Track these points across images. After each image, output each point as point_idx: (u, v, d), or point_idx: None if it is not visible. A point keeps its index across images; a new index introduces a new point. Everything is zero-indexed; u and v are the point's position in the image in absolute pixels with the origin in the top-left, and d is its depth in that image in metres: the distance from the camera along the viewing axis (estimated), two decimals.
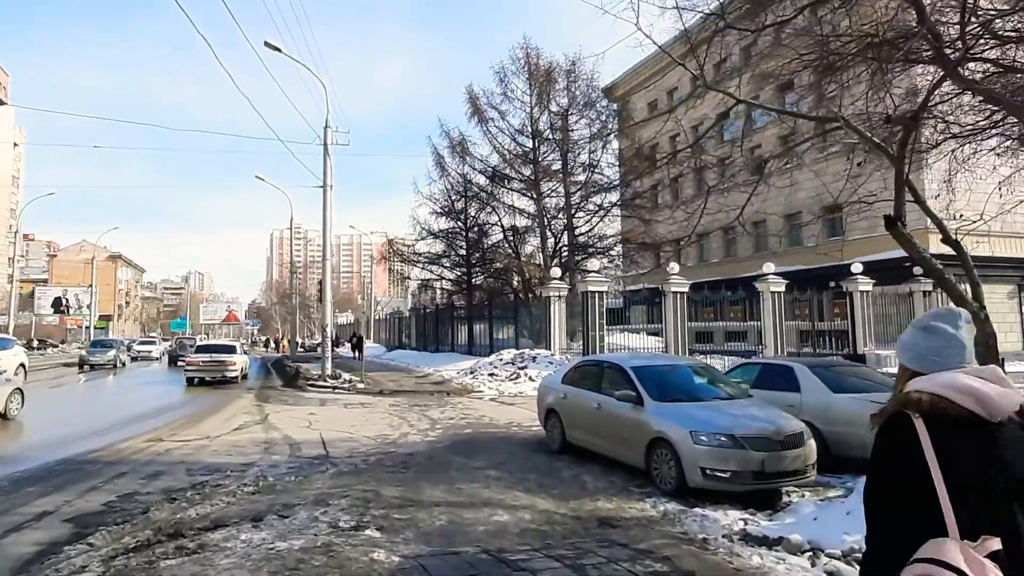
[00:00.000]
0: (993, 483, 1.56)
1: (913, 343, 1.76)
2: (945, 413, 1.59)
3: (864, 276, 24.19)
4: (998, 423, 1.59)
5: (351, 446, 9.63)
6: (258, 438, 10.32)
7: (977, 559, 1.46)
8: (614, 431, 7.71)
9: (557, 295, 22.43)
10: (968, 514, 1.53)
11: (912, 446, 1.59)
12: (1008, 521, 1.54)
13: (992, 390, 1.61)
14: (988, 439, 1.59)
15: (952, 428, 1.58)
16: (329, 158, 20.68)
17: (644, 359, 8.62)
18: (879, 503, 1.66)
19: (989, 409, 1.59)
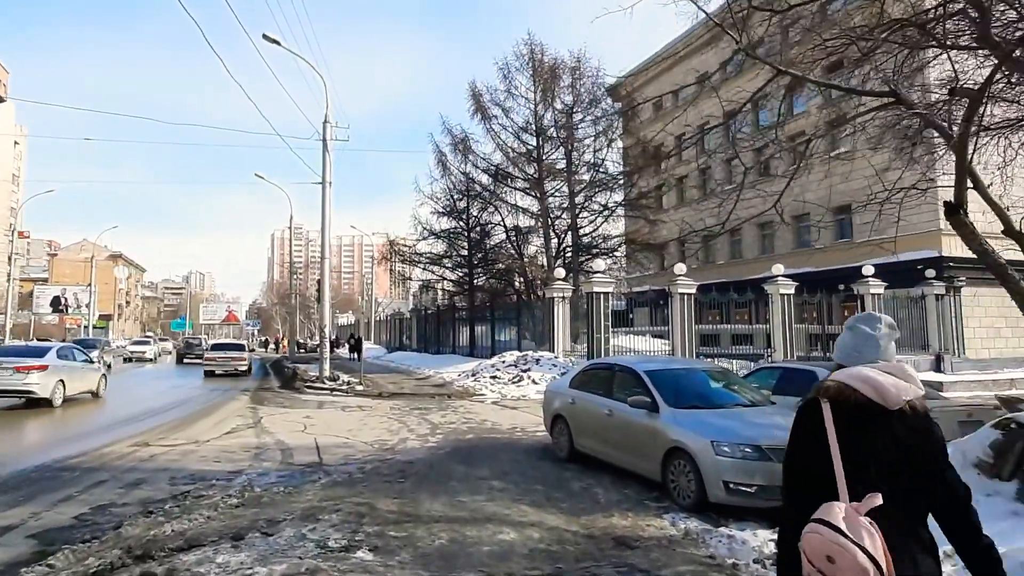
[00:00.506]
0: (883, 457, 1.88)
1: (840, 341, 2.10)
2: (848, 399, 1.90)
3: (875, 279, 23.63)
4: (896, 410, 1.89)
5: (347, 452, 9.12)
6: (249, 443, 9.82)
7: (856, 517, 1.75)
8: (627, 439, 7.19)
9: (561, 296, 21.92)
10: (861, 482, 1.82)
11: (819, 425, 1.90)
12: (899, 485, 1.86)
13: (890, 382, 1.90)
14: (883, 422, 1.89)
15: (853, 412, 1.89)
16: (328, 154, 20.20)
17: (658, 362, 8.10)
18: (793, 473, 2.00)
19: (885, 397, 1.88)
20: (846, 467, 1.86)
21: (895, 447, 1.91)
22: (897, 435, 1.92)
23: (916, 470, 1.92)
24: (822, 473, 1.88)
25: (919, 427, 1.95)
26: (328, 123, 20.40)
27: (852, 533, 1.76)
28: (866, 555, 1.73)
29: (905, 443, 1.91)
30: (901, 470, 1.90)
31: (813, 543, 1.81)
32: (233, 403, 15.82)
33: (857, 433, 1.90)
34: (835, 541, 1.76)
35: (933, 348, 23.96)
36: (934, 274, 24.48)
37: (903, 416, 1.92)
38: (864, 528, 1.76)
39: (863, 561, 1.73)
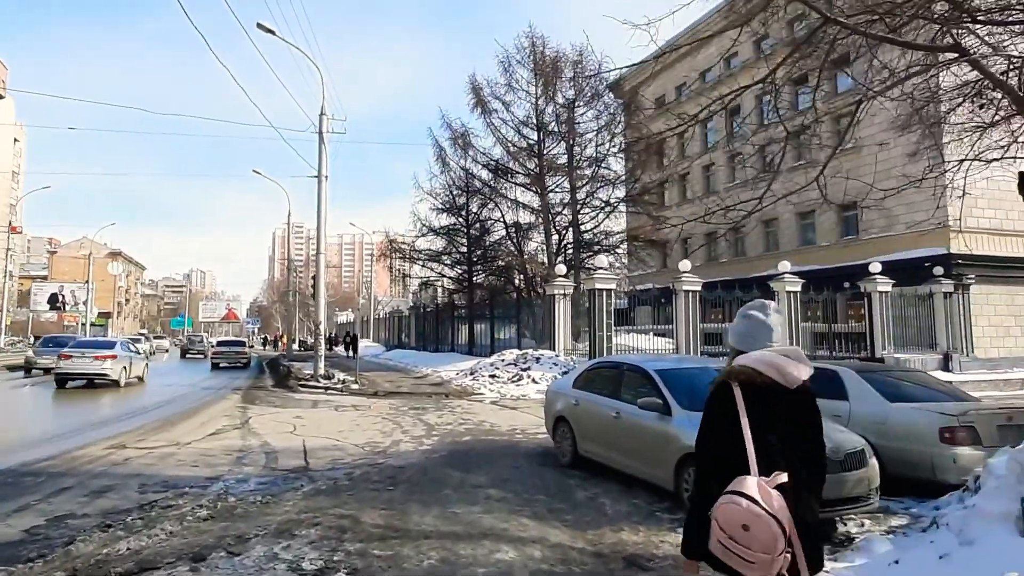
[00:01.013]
0: (787, 432, 2.15)
1: (735, 327, 2.35)
2: (755, 381, 2.16)
3: (883, 276, 23.04)
4: (794, 389, 2.17)
5: (335, 456, 8.57)
6: (233, 446, 9.26)
7: (767, 489, 1.99)
8: (636, 444, 6.63)
9: (562, 293, 21.36)
10: (768, 456, 2.09)
11: (731, 406, 2.16)
12: (796, 459, 2.14)
13: (789, 364, 2.17)
14: (785, 400, 2.17)
15: (760, 392, 2.15)
16: (324, 147, 19.65)
17: (669, 361, 7.53)
18: (705, 451, 2.28)
19: (786, 378, 2.16)
20: (759, 444, 2.06)
21: (793, 423, 2.14)
22: (794, 412, 2.15)
23: (807, 443, 2.16)
24: (732, 449, 2.09)
25: (809, 404, 2.20)
26: (324, 115, 19.84)
27: (767, 505, 1.93)
28: (779, 525, 1.93)
29: (799, 419, 2.16)
30: (798, 444, 2.13)
31: (729, 513, 1.98)
32: (223, 402, 15.27)
33: (763, 412, 2.10)
34: (751, 511, 1.94)
35: (941, 347, 23.38)
36: (942, 271, 23.88)
37: (798, 394, 2.15)
38: (775, 499, 1.95)
39: (776, 529, 1.92)
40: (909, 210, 26.44)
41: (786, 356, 2.19)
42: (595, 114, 27.68)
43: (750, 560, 1.98)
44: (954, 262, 24.65)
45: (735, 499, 1.99)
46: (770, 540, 1.93)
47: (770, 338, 2.26)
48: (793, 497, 2.03)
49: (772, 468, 2.06)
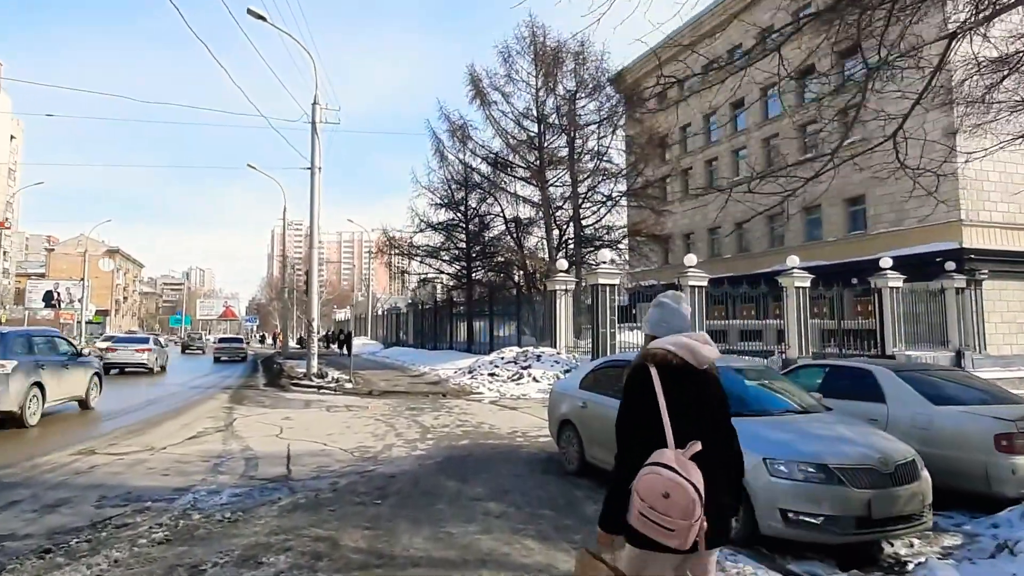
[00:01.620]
0: (698, 408, 2.33)
1: (649, 315, 2.57)
2: (669, 363, 2.34)
3: (893, 271, 22.34)
4: (703, 369, 2.37)
5: (321, 463, 7.88)
6: (212, 451, 8.57)
7: (684, 459, 2.18)
8: None
9: (563, 289, 20.69)
10: (683, 431, 2.25)
11: (648, 386, 2.33)
12: (707, 432, 2.30)
13: (701, 347, 2.36)
14: (696, 379, 2.36)
15: (674, 372, 2.33)
16: (317, 137, 18.92)
17: None
18: (627, 428, 2.40)
19: (697, 359, 2.35)
20: (675, 419, 2.26)
21: (702, 400, 2.37)
22: (703, 390, 2.38)
23: (716, 419, 2.41)
24: (651, 426, 2.29)
25: (716, 384, 2.44)
26: (317, 104, 19.13)
27: (683, 472, 2.15)
28: (695, 490, 2.12)
29: (708, 397, 2.40)
30: (707, 419, 2.37)
31: (651, 482, 2.17)
32: (210, 402, 14.58)
33: (677, 390, 2.31)
34: (672, 479, 2.14)
35: (953, 344, 22.71)
36: (954, 267, 23.19)
37: (706, 374, 2.40)
38: (692, 468, 2.17)
39: (693, 494, 2.11)
40: (919, 204, 25.76)
41: (697, 340, 2.38)
42: (597, 106, 26.98)
43: (670, 528, 2.13)
44: (966, 257, 24.00)
45: (656, 469, 2.15)
46: (689, 506, 2.08)
47: (682, 324, 2.46)
48: (704, 468, 2.19)
49: (687, 441, 2.23)
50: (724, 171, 36.16)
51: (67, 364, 11.96)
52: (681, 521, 2.10)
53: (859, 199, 28.45)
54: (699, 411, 2.33)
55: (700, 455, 2.20)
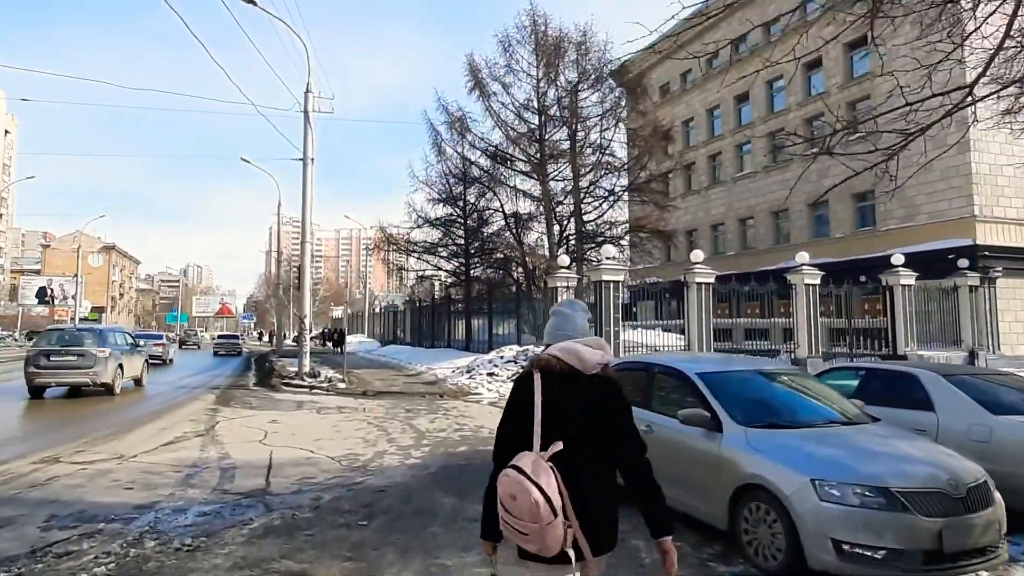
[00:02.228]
0: (580, 413, 2.25)
1: (548, 324, 2.51)
2: (553, 368, 2.30)
3: (905, 268, 21.64)
4: (591, 375, 2.29)
5: (305, 473, 7.18)
6: (186, 459, 7.86)
7: (540, 462, 2.12)
8: (674, 468, 5.23)
9: (565, 285, 19.93)
10: (557, 435, 2.18)
11: (528, 390, 2.30)
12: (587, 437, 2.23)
13: (587, 352, 2.30)
14: (581, 384, 2.28)
15: (558, 377, 2.28)
16: (310, 126, 18.20)
17: (711, 362, 6.09)
18: (501, 432, 2.37)
19: (583, 364, 2.29)
20: (548, 424, 2.22)
21: (589, 405, 2.27)
22: (591, 395, 2.29)
23: (605, 425, 2.28)
24: (524, 430, 2.24)
25: (608, 389, 2.33)
26: (310, 92, 18.40)
27: (534, 475, 2.08)
28: (540, 492, 2.05)
29: (596, 402, 2.28)
30: (593, 424, 2.26)
31: (503, 484, 2.15)
32: (195, 403, 13.87)
33: (560, 395, 2.26)
34: (518, 481, 2.09)
35: (966, 344, 22.02)
36: (967, 264, 22.48)
37: (596, 379, 2.30)
38: (544, 471, 2.10)
39: (536, 496, 2.04)
40: (931, 199, 25.09)
41: (587, 345, 2.35)
42: (599, 98, 26.22)
43: (523, 531, 2.10)
44: (980, 254, 23.32)
45: (508, 471, 2.15)
46: (533, 508, 2.04)
47: (574, 330, 2.41)
48: (576, 473, 2.16)
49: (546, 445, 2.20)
50: (728, 166, 35.48)
51: (131, 352, 16.32)
52: (531, 524, 2.07)
53: (868, 194, 27.72)
54: (580, 416, 2.27)
55: (573, 460, 2.17)
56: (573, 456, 2.16)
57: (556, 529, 2.05)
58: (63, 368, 14.15)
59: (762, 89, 32.91)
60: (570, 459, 2.15)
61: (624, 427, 2.32)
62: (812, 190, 30.54)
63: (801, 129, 31.01)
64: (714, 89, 36.53)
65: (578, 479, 2.14)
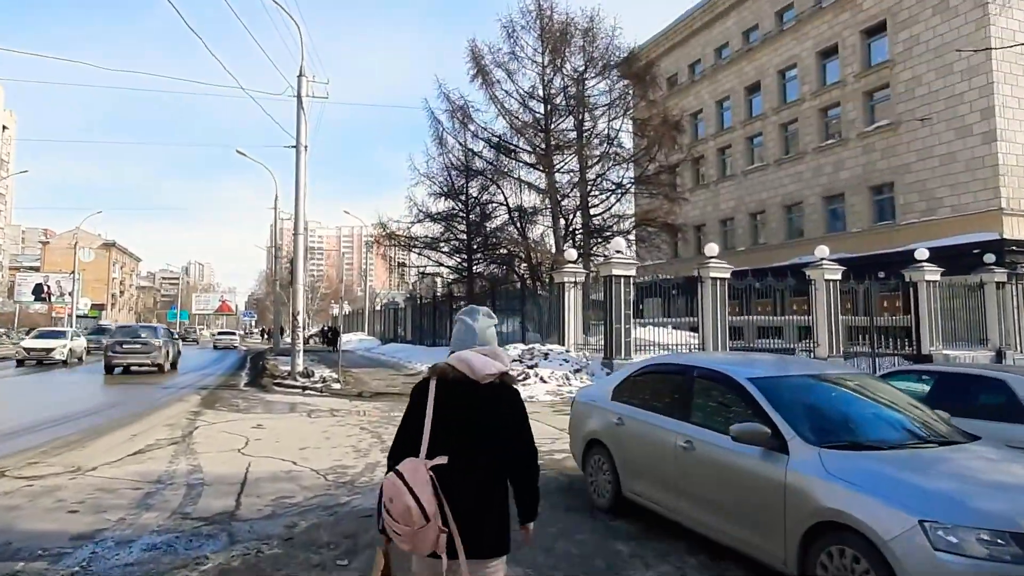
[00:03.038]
0: (470, 420, 2.37)
1: (453, 333, 2.60)
2: (446, 375, 2.41)
3: (930, 263, 20.64)
4: (486, 384, 2.38)
5: (282, 492, 6.23)
6: (151, 473, 6.92)
7: (420, 468, 2.24)
8: (724, 495, 4.29)
9: (572, 281, 18.99)
10: (444, 441, 2.32)
11: (424, 397, 2.42)
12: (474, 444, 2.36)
13: (479, 361, 2.39)
14: (475, 392, 2.38)
15: (451, 385, 2.40)
16: (303, 112, 17.24)
17: (762, 365, 5.07)
18: (400, 433, 2.49)
19: (475, 373, 2.37)
20: (437, 431, 2.33)
21: (481, 413, 2.38)
22: (484, 403, 2.38)
23: (495, 432, 2.38)
24: (417, 435, 2.36)
25: (503, 396, 2.42)
26: (303, 76, 17.44)
27: (411, 481, 2.20)
28: (413, 498, 2.17)
29: (489, 410, 2.38)
30: (483, 432, 2.37)
31: (386, 487, 2.28)
32: (178, 405, 12.94)
33: (453, 402, 2.38)
34: (395, 486, 2.22)
35: (993, 343, 21.02)
36: (994, 259, 21.46)
37: (490, 387, 2.39)
38: (421, 478, 2.21)
39: (409, 502, 2.16)
40: (954, 191, 24.06)
41: (483, 355, 2.43)
42: (607, 86, 25.25)
43: (399, 532, 2.24)
44: (1007, 248, 22.30)
45: (390, 476, 2.28)
46: (405, 513, 2.17)
47: (473, 340, 2.50)
48: (460, 479, 2.27)
49: (449, 451, 2.30)
50: (738, 159, 34.45)
51: (172, 341, 22.89)
52: (404, 527, 2.20)
53: (886, 187, 26.71)
54: (470, 423, 2.38)
55: (460, 467, 2.28)
56: (462, 463, 2.30)
57: (428, 533, 2.19)
58: (131, 353, 19.79)
59: (774, 79, 31.86)
60: (458, 465, 2.28)
61: (516, 435, 2.43)
62: (827, 183, 29.68)
63: (815, 119, 30.09)
64: (724, 80, 35.55)
65: (464, 486, 2.28)
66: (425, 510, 2.16)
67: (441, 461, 2.26)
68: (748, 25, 33.80)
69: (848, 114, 28.13)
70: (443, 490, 2.23)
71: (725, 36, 35.61)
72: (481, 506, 2.32)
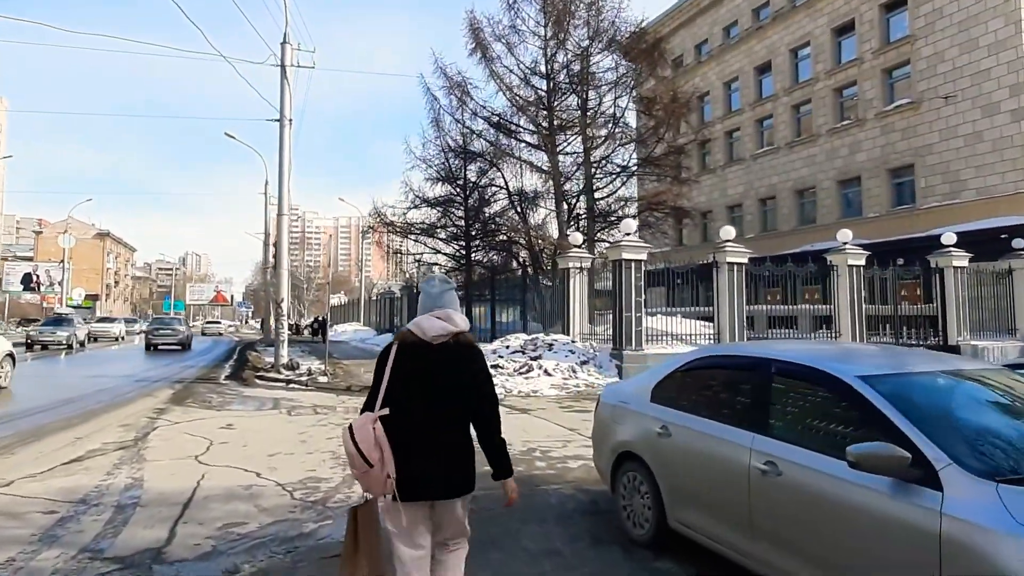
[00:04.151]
0: (424, 377, 2.66)
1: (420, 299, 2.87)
2: (405, 338, 2.74)
3: (957, 248, 19.37)
4: (438, 344, 2.68)
5: (234, 515, 4.96)
6: (78, 489, 5.65)
7: (365, 422, 2.59)
8: (830, 542, 3.01)
9: (578, 266, 17.69)
10: (401, 396, 2.64)
11: (386, 358, 2.73)
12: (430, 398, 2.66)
13: (428, 323, 2.70)
14: (426, 352, 2.68)
15: (408, 346, 2.70)
16: (287, 82, 15.86)
17: (870, 358, 3.62)
18: (371, 392, 2.74)
19: (425, 335, 2.69)
20: (397, 387, 2.65)
21: (436, 370, 2.67)
22: (436, 361, 2.67)
23: (452, 386, 2.68)
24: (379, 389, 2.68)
25: (459, 354, 2.70)
26: (288, 44, 16.07)
27: (356, 432, 2.56)
28: (355, 447, 2.53)
29: (443, 366, 2.67)
30: (439, 386, 2.67)
31: (343, 437, 2.64)
32: (144, 401, 11.65)
33: (409, 363, 2.67)
34: (344, 435, 2.60)
35: (1022, 332, 19.80)
36: (1023, 244, 20.20)
37: (444, 347, 2.68)
38: (366, 429, 2.56)
39: (350, 448, 2.55)
40: (980, 173, 22.76)
41: (437, 318, 2.71)
42: (612, 62, 23.84)
43: (355, 477, 2.68)
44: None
45: (344, 428, 2.66)
46: (353, 459, 2.56)
47: (432, 304, 2.78)
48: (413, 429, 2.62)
49: (397, 406, 2.64)
50: (747, 143, 33.11)
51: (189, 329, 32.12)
52: (356, 470, 2.60)
53: (905, 169, 25.40)
54: (425, 379, 2.66)
55: (407, 418, 2.62)
56: (415, 415, 2.63)
57: (373, 476, 2.54)
58: (163, 336, 28.67)
59: (786, 58, 30.46)
60: (415, 418, 2.63)
61: (473, 386, 2.72)
62: (842, 166, 28.36)
63: (830, 100, 28.72)
64: (732, 60, 34.14)
65: (418, 435, 2.62)
66: (364, 456, 2.51)
67: (383, 413, 2.62)
68: (759, 2, 32.38)
69: (865, 93, 26.78)
70: (398, 439, 2.57)
71: (734, 14, 34.17)
72: (436, 453, 2.60)
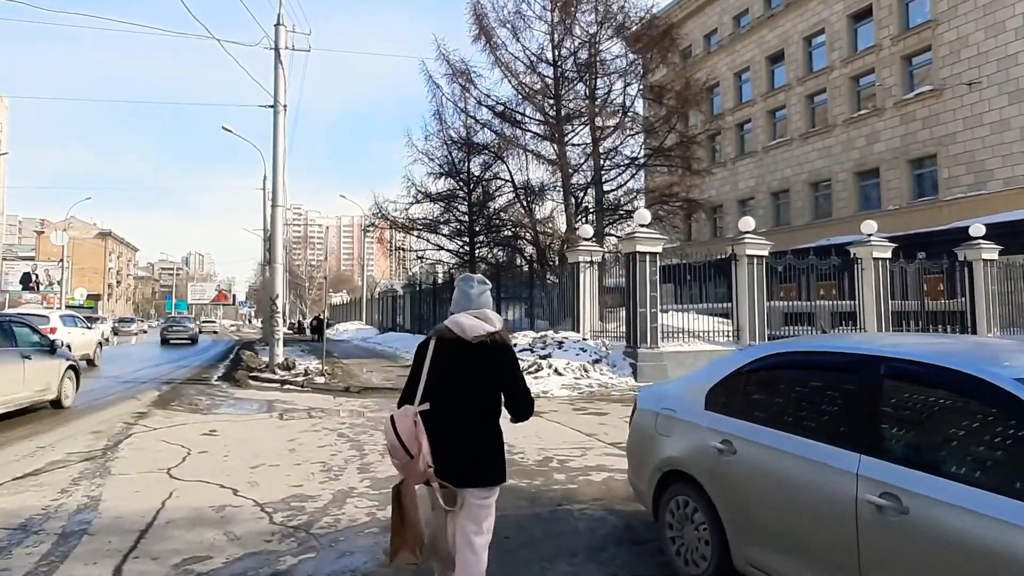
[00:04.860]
0: (461, 373, 2.80)
1: (453, 296, 3.03)
2: (443, 336, 2.88)
3: (987, 241, 18.47)
4: (476, 343, 2.82)
5: (199, 544, 4.11)
6: (24, 509, 4.81)
7: (406, 414, 2.78)
8: None
9: (588, 260, 16.79)
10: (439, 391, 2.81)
11: (424, 353, 2.90)
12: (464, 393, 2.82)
13: (468, 322, 2.85)
14: (463, 350, 2.82)
15: (446, 343, 2.85)
16: (281, 66, 15.02)
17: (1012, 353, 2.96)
18: (408, 384, 2.93)
19: (465, 333, 2.83)
20: (432, 382, 2.82)
21: (472, 367, 2.81)
22: (475, 358, 2.81)
23: (487, 382, 2.84)
24: (418, 382, 2.86)
25: (493, 354, 2.83)
26: (281, 26, 15.21)
27: (397, 423, 2.75)
28: (397, 438, 2.72)
29: (479, 364, 2.81)
30: (474, 383, 2.81)
31: (385, 429, 2.86)
32: (125, 404, 10.80)
33: (447, 359, 2.83)
34: (387, 426, 2.80)
35: None
36: None
37: (481, 346, 2.82)
38: (408, 421, 2.74)
39: (393, 441, 2.74)
40: (1007, 162, 21.79)
41: (476, 317, 2.88)
42: (622, 49, 22.93)
43: (395, 465, 2.85)
44: None
45: (386, 420, 2.85)
46: (393, 448, 2.75)
47: (468, 303, 2.94)
48: (447, 422, 2.78)
49: (435, 400, 2.80)
50: (759, 135, 32.17)
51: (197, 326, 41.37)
52: (396, 460, 2.78)
53: (927, 159, 24.45)
54: (462, 375, 2.81)
55: (451, 412, 2.79)
56: (453, 409, 2.79)
57: (415, 466, 2.70)
58: (176, 332, 34.74)
59: (799, 47, 29.51)
60: (452, 411, 2.79)
61: (506, 383, 2.89)
62: (860, 157, 27.42)
63: (846, 89, 27.77)
64: (743, 50, 33.20)
65: (455, 428, 2.77)
66: (406, 447, 2.70)
67: (424, 408, 2.79)
68: None
69: (884, 81, 25.81)
70: (436, 431, 2.75)
71: (745, 2, 33.25)
72: (470, 445, 2.79)
